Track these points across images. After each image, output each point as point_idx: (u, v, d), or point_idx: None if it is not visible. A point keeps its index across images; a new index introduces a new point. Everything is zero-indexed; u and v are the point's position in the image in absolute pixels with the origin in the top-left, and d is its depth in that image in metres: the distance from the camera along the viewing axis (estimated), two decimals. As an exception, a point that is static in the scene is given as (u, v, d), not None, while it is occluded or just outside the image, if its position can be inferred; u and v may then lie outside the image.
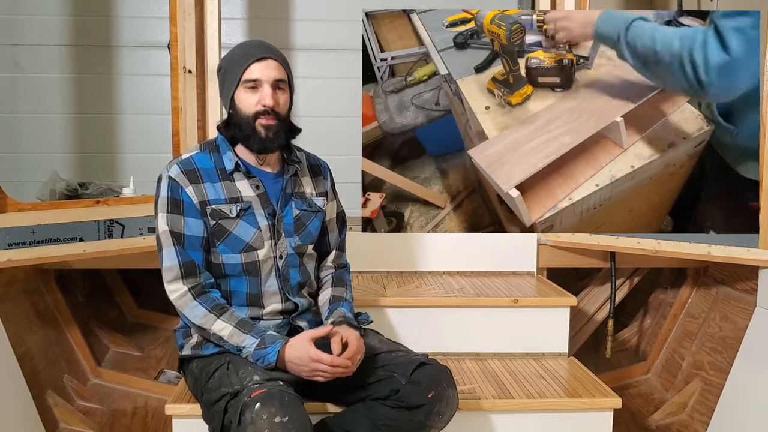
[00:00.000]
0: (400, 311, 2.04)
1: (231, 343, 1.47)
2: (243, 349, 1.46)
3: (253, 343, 1.45)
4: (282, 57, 1.54)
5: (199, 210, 1.51)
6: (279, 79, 1.51)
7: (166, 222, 1.50)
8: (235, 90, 1.51)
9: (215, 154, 1.57)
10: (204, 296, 1.50)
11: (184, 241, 1.50)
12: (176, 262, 1.49)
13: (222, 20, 2.24)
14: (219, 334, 1.47)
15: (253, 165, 1.57)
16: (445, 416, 1.47)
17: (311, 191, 1.66)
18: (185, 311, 1.50)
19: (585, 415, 1.73)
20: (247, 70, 1.49)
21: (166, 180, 1.52)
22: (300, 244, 1.61)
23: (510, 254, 2.39)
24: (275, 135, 1.51)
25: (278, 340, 1.46)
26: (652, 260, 2.28)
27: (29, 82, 3.07)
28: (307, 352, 1.43)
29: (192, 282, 1.49)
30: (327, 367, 1.42)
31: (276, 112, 1.50)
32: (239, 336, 1.47)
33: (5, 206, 1.91)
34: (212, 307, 1.49)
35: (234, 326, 1.47)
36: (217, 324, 1.48)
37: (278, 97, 1.51)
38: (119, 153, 3.15)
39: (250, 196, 1.55)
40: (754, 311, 2.01)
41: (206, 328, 1.49)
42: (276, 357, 1.43)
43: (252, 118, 1.50)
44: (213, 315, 1.48)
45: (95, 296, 2.62)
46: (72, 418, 2.08)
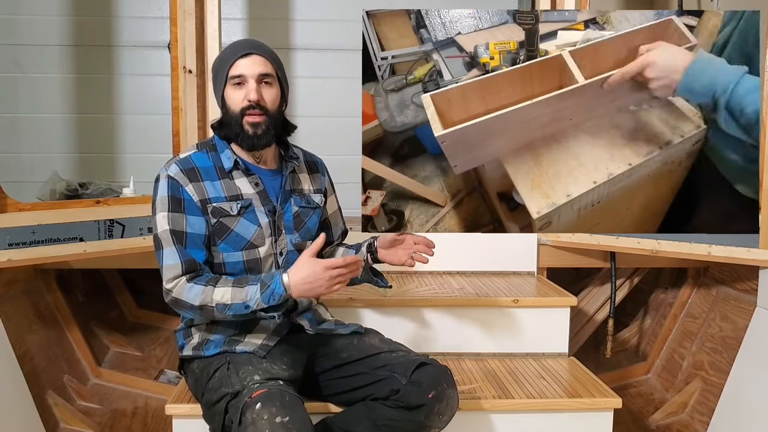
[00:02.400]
0: (400, 311, 2.04)
1: (236, 303, 1.41)
2: (250, 301, 1.40)
3: (256, 290, 1.41)
4: (269, 52, 1.53)
5: (200, 208, 1.51)
6: (264, 73, 1.50)
7: (167, 221, 1.48)
8: (224, 88, 1.52)
9: (213, 152, 1.57)
10: (197, 278, 1.46)
11: (186, 240, 1.48)
12: (178, 261, 1.46)
13: (222, 20, 2.24)
14: (222, 301, 1.42)
15: (251, 162, 1.57)
16: (446, 416, 1.47)
17: (309, 188, 1.66)
18: (183, 296, 1.44)
19: (585, 415, 1.73)
20: (232, 67, 1.50)
21: (165, 179, 1.51)
22: (300, 241, 1.61)
23: (510, 254, 2.39)
24: (263, 132, 1.50)
25: (276, 274, 1.42)
26: (652, 260, 2.28)
27: (30, 82, 3.08)
28: (315, 265, 1.38)
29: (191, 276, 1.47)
30: (344, 270, 1.38)
31: (262, 107, 1.49)
32: (240, 291, 1.42)
33: (5, 206, 1.91)
34: (206, 281, 1.45)
35: (232, 286, 1.43)
36: (217, 292, 1.42)
37: (263, 92, 1.50)
38: (119, 153, 3.16)
39: (250, 194, 1.55)
40: (754, 311, 2.01)
41: (208, 304, 1.43)
42: (282, 287, 1.39)
43: (239, 115, 1.50)
44: (210, 286, 1.43)
45: (95, 296, 2.62)
46: (72, 418, 2.08)
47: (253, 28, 3.24)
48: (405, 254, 1.60)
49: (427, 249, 1.59)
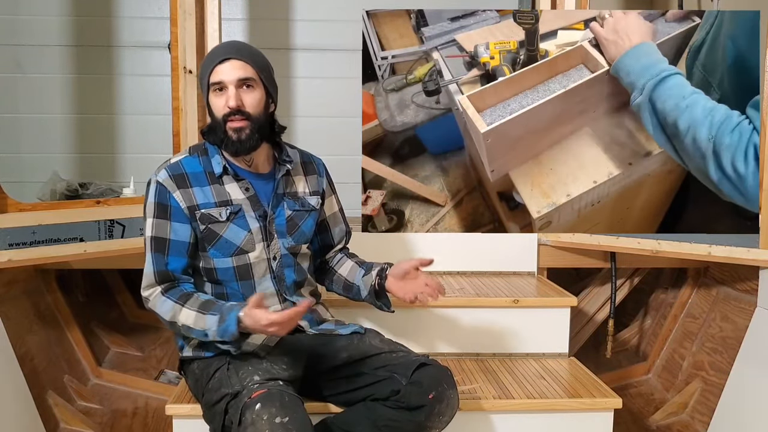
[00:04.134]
0: (400, 311, 2.03)
1: (197, 329, 1.43)
2: (208, 331, 1.42)
3: (214, 321, 1.41)
4: (250, 55, 1.50)
5: (188, 215, 1.51)
6: (243, 78, 1.48)
7: (152, 228, 1.50)
8: (208, 95, 1.51)
9: (204, 157, 1.56)
10: (172, 290, 1.48)
11: (168, 247, 1.49)
12: (152, 270, 1.49)
13: (222, 20, 2.24)
14: (186, 323, 1.44)
15: (241, 167, 1.56)
16: (446, 417, 1.47)
17: (304, 190, 1.65)
18: (157, 310, 1.47)
19: (585, 416, 1.73)
20: (212, 74, 1.49)
21: (154, 185, 1.52)
22: (293, 245, 1.60)
23: (510, 254, 2.39)
24: (247, 137, 1.49)
25: (234, 309, 1.41)
26: (652, 260, 2.28)
27: (30, 83, 3.07)
28: (264, 320, 1.36)
29: (166, 287, 1.49)
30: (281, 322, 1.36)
31: (244, 112, 1.48)
32: (202, 319, 1.43)
33: (6, 206, 1.91)
34: (178, 297, 1.47)
35: (197, 310, 1.44)
36: (183, 313, 1.44)
37: (244, 96, 1.48)
38: (120, 153, 3.15)
39: (240, 199, 1.54)
40: (754, 311, 2.01)
41: (176, 321, 1.45)
42: (235, 326, 1.39)
43: (222, 121, 1.49)
44: (178, 305, 1.45)
45: (96, 296, 2.62)
46: (72, 418, 2.08)
47: (253, 29, 3.24)
48: (411, 293, 1.57)
49: (434, 294, 1.56)
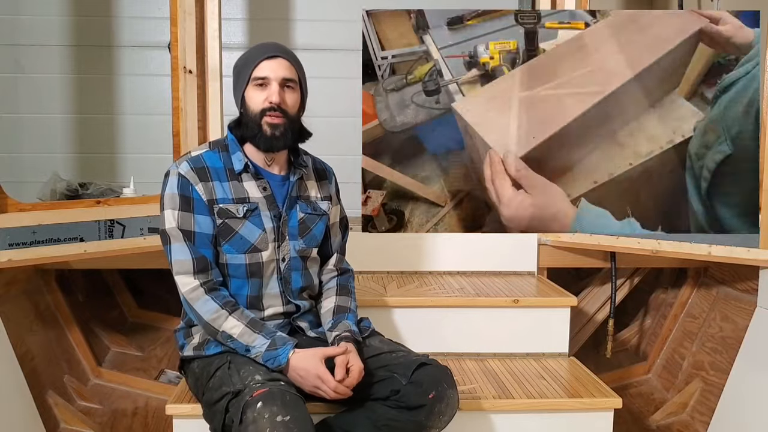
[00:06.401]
0: (400, 311, 2.04)
1: (241, 341, 1.46)
2: (252, 348, 1.45)
3: (264, 344, 1.44)
4: (294, 58, 1.55)
5: (208, 208, 1.51)
6: (288, 78, 1.52)
7: (176, 219, 1.49)
8: (246, 88, 1.52)
9: (224, 153, 1.57)
10: (215, 292, 1.49)
11: (194, 239, 1.49)
12: (189, 257, 1.48)
13: (222, 20, 2.24)
14: (229, 332, 1.46)
15: (260, 166, 1.57)
16: (446, 417, 1.47)
17: (316, 195, 1.66)
18: (196, 305, 1.47)
19: (585, 415, 1.73)
20: (256, 68, 1.50)
21: (176, 177, 1.51)
22: (304, 248, 1.61)
23: (510, 254, 2.39)
24: (282, 134, 1.51)
25: (288, 343, 1.45)
26: (652, 260, 2.28)
27: (30, 83, 3.08)
28: (315, 368, 1.42)
29: (204, 278, 1.49)
30: (329, 390, 1.42)
31: (283, 110, 1.51)
32: (250, 336, 1.46)
33: (6, 206, 1.91)
34: (224, 303, 1.48)
35: (245, 325, 1.46)
36: (229, 321, 1.46)
37: (286, 96, 1.51)
38: (120, 153, 3.16)
39: (257, 197, 1.55)
40: (754, 311, 2.01)
41: (215, 326, 1.47)
42: (285, 361, 1.43)
43: (259, 115, 1.50)
44: (225, 311, 1.47)
45: (96, 296, 2.62)
46: (72, 418, 2.08)
47: (253, 29, 3.24)
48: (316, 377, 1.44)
49: (333, 392, 1.43)
